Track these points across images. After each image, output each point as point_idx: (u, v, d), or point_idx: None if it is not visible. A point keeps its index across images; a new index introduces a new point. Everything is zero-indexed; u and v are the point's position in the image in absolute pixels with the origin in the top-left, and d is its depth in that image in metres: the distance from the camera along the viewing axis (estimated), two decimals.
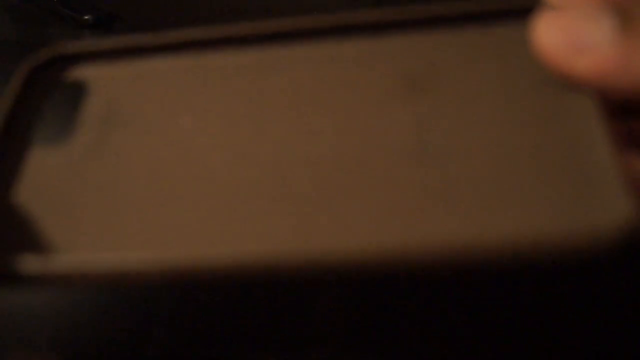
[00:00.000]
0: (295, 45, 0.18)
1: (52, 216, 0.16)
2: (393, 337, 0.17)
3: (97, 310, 0.22)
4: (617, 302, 0.16)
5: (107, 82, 0.18)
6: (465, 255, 0.13)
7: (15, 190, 0.17)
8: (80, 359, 0.22)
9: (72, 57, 0.18)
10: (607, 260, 0.13)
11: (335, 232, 0.14)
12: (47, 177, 0.17)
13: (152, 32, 0.28)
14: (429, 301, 0.17)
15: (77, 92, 0.18)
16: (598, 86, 0.15)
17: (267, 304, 0.20)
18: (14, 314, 0.17)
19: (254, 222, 0.15)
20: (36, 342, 0.21)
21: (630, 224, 0.13)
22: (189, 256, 0.14)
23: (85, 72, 0.18)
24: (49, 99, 0.18)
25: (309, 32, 0.18)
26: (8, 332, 0.20)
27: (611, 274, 0.15)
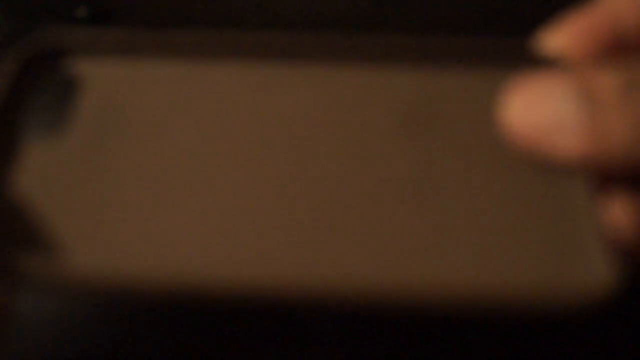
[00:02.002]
0: (301, 63, 0.18)
1: (53, 217, 0.16)
2: None
3: (81, 324, 0.22)
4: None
5: (104, 78, 0.18)
6: (444, 301, 0.14)
7: (13, 186, 0.16)
8: None
9: (68, 50, 0.18)
10: (584, 320, 0.14)
11: (327, 264, 0.15)
12: (43, 176, 0.17)
13: (153, 29, 0.27)
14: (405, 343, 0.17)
15: (73, 86, 0.18)
16: (573, 166, 0.16)
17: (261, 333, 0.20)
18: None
19: (251, 245, 0.15)
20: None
21: (609, 288, 0.14)
22: (203, 275, 0.15)
23: (82, 66, 0.18)
24: (43, 92, 0.18)
25: (316, 50, 0.18)
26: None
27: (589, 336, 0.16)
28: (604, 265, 0.15)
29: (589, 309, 0.14)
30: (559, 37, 0.18)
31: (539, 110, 0.16)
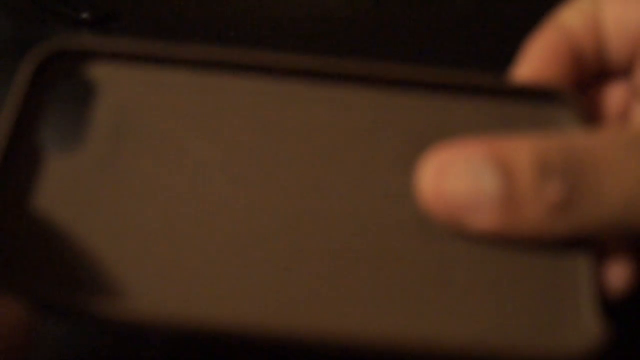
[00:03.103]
0: (314, 84, 0.18)
1: (79, 244, 0.16)
2: None
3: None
4: None
5: (119, 85, 0.18)
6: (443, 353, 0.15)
7: (33, 200, 0.16)
8: None
9: (83, 53, 0.18)
10: None
11: (325, 311, 0.16)
12: (62, 189, 0.17)
13: (153, 31, 0.27)
14: None
15: (88, 91, 0.18)
16: (485, 236, 0.16)
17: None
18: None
19: (262, 286, 0.16)
20: None
21: (596, 347, 0.15)
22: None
23: (97, 71, 0.18)
24: (58, 95, 0.18)
25: (328, 73, 0.18)
26: None
27: None
28: (595, 321, 0.15)
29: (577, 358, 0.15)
30: (525, 69, 0.18)
31: (453, 183, 0.15)
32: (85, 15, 0.31)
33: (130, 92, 0.18)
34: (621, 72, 0.20)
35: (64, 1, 0.31)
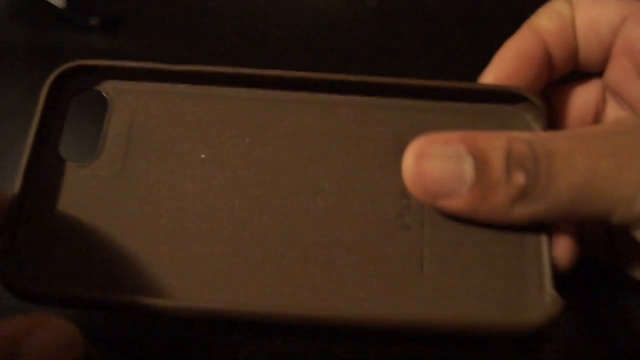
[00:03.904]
0: (308, 92, 0.20)
1: (100, 241, 0.18)
2: None
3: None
4: None
5: (130, 100, 0.19)
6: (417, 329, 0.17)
7: (57, 206, 0.18)
8: None
9: (97, 70, 0.19)
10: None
11: (315, 298, 0.17)
12: (81, 196, 0.18)
13: (158, 36, 0.28)
14: None
15: (102, 105, 0.19)
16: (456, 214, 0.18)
17: None
18: None
19: (263, 277, 0.18)
20: None
21: (552, 316, 0.17)
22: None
23: (111, 87, 0.20)
24: (76, 110, 0.19)
25: (321, 82, 0.19)
26: None
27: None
28: (551, 293, 0.17)
29: (538, 327, 0.17)
30: (498, 72, 0.20)
31: (431, 166, 0.17)
32: (93, 21, 0.32)
33: (140, 105, 0.19)
34: (594, 72, 0.21)
35: (73, 7, 0.32)
